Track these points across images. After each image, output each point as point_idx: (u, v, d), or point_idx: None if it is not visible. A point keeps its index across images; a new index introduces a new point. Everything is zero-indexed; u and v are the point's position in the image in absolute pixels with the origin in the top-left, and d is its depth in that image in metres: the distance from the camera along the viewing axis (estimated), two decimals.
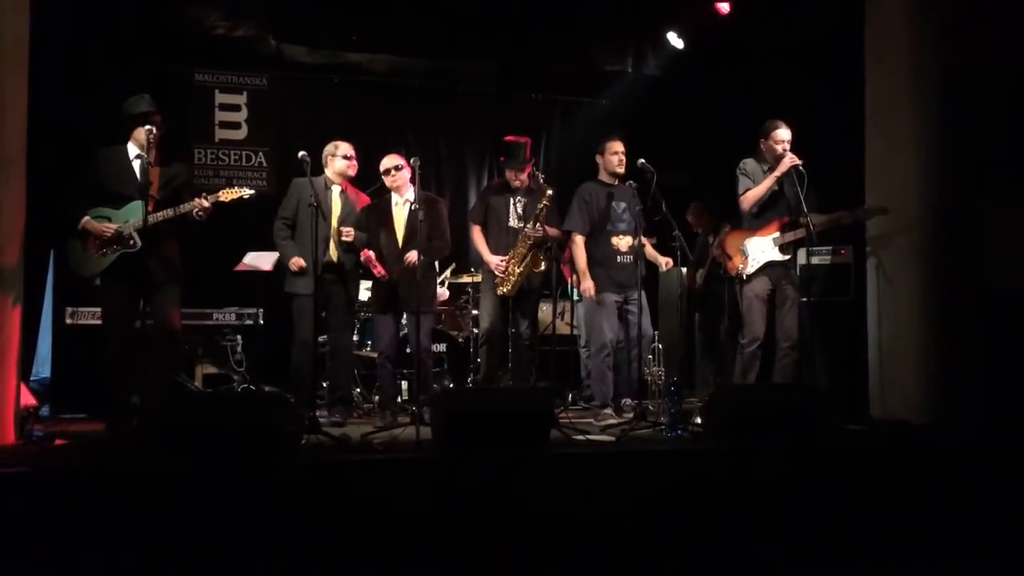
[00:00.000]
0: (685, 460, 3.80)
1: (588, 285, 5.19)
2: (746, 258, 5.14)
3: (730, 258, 5.25)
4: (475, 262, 6.03)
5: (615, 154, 5.23)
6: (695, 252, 6.37)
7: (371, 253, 4.98)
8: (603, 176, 5.32)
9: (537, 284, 5.45)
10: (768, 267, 5.09)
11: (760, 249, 5.10)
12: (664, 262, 5.46)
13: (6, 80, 3.91)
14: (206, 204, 4.45)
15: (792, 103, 5.93)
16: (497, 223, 5.39)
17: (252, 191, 4.70)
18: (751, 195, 5.10)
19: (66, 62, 5.76)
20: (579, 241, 5.24)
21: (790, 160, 4.93)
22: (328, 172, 5.17)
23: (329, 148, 5.19)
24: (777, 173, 4.98)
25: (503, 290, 5.26)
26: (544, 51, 6.92)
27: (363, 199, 5.28)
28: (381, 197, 5.24)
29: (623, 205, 5.26)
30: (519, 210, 5.37)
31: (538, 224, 5.16)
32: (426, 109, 7.26)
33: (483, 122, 7.39)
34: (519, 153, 5.35)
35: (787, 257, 5.10)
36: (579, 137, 7.63)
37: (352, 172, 5.20)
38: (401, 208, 5.12)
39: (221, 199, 4.53)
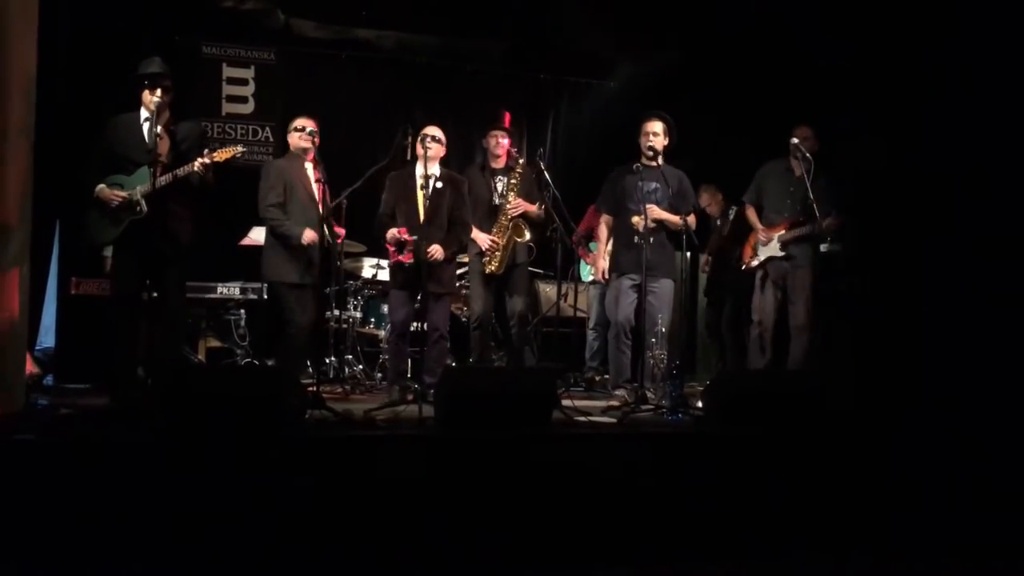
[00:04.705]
0: (686, 443, 3.81)
1: (601, 267, 5.31)
2: (755, 252, 5.43)
3: (749, 249, 5.51)
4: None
5: (644, 135, 5.07)
6: (708, 236, 6.33)
7: (407, 235, 4.74)
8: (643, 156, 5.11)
9: (524, 259, 5.40)
10: (769, 261, 5.36)
11: (766, 245, 5.37)
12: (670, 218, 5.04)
13: (13, 51, 3.88)
14: (205, 161, 4.34)
15: (806, 90, 5.91)
16: (480, 205, 5.33)
17: (244, 148, 4.70)
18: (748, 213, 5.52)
19: (74, 33, 5.73)
20: (603, 221, 5.30)
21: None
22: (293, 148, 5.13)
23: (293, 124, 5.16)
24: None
25: (491, 268, 5.22)
26: (554, 31, 6.88)
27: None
28: (403, 168, 5.08)
29: (654, 185, 5.03)
30: (499, 188, 5.37)
31: (514, 194, 5.19)
32: (434, 87, 7.22)
33: (491, 102, 7.34)
34: (500, 115, 5.45)
35: (784, 254, 5.28)
36: (586, 119, 7.62)
37: (305, 144, 5.03)
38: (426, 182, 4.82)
39: (216, 159, 4.41)
